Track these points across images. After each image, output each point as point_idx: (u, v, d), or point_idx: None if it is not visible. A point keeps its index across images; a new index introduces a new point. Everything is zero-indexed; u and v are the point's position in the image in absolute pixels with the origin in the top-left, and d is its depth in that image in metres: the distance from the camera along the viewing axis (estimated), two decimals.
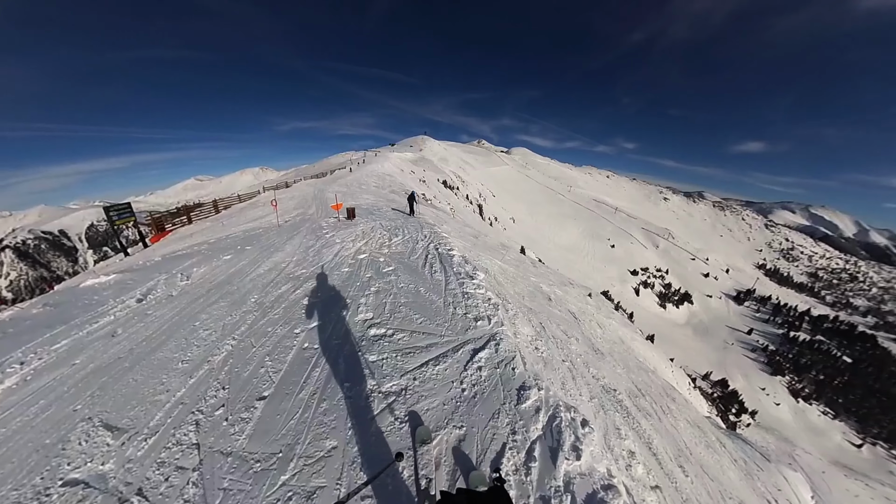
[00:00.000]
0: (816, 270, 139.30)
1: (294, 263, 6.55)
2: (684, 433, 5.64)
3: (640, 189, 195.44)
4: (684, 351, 71.53)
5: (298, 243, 8.13)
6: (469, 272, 5.97)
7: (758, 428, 54.50)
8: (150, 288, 5.59)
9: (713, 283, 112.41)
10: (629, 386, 5.89)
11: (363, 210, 13.36)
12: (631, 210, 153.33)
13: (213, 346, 3.85)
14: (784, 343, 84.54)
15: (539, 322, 5.99)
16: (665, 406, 6.21)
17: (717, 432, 8.53)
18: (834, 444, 56.78)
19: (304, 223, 11.22)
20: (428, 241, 7.99)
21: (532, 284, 9.32)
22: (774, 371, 73.65)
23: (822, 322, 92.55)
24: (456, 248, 7.60)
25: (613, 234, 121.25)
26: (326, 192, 20.05)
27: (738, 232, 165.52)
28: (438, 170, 76.48)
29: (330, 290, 5.17)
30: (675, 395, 8.97)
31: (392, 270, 5.93)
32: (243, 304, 4.81)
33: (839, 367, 75.72)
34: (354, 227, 9.75)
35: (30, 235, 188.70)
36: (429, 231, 9.33)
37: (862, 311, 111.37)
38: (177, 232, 13.67)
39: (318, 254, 7.09)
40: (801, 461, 47.09)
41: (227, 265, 6.72)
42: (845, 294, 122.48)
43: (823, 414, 64.30)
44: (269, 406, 2.99)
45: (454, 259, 6.62)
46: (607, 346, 7.80)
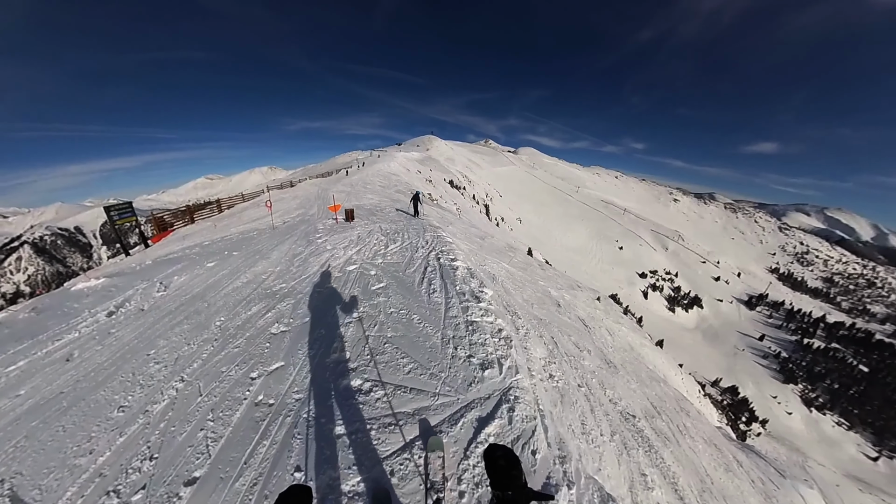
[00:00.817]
0: (832, 275, 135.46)
1: (275, 275, 6.01)
2: (703, 455, 5.28)
3: (649, 190, 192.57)
4: (693, 356, 70.16)
5: (287, 250, 7.67)
6: (475, 290, 5.14)
7: (768, 437, 53.12)
8: (126, 298, 5.39)
9: (724, 286, 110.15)
10: (645, 404, 5.51)
11: (365, 211, 12.90)
12: (640, 211, 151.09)
13: (157, 387, 3.37)
14: (797, 350, 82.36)
15: (550, 336, 5.58)
16: (681, 424, 5.83)
17: (732, 448, 8.13)
18: (848, 457, 55.05)
19: (301, 225, 10.82)
20: (429, 249, 7.23)
21: (540, 289, 8.98)
22: (787, 379, 71.79)
23: (837, 329, 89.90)
24: (460, 256, 6.86)
25: (622, 235, 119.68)
26: (330, 192, 19.85)
27: (751, 234, 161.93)
28: (445, 169, 76.30)
29: (305, 314, 4.45)
30: (688, 408, 8.59)
31: (383, 288, 5.17)
32: (206, 329, 4.28)
33: (855, 377, 73.47)
34: (351, 230, 9.29)
35: (47, 232, 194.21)
36: (432, 235, 8.61)
37: (880, 318, 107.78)
38: (178, 232, 13.60)
39: (304, 263, 6.49)
40: (813, 473, 45.58)
41: (208, 274, 6.37)
42: (862, 300, 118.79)
43: (838, 425, 62.44)
44: (196, 497, 2.36)
45: (458, 273, 5.83)
46: (619, 357, 7.44)
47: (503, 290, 6.65)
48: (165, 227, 13.82)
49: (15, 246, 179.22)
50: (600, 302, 16.02)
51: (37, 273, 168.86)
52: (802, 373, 74.23)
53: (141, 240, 12.52)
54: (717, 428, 14.61)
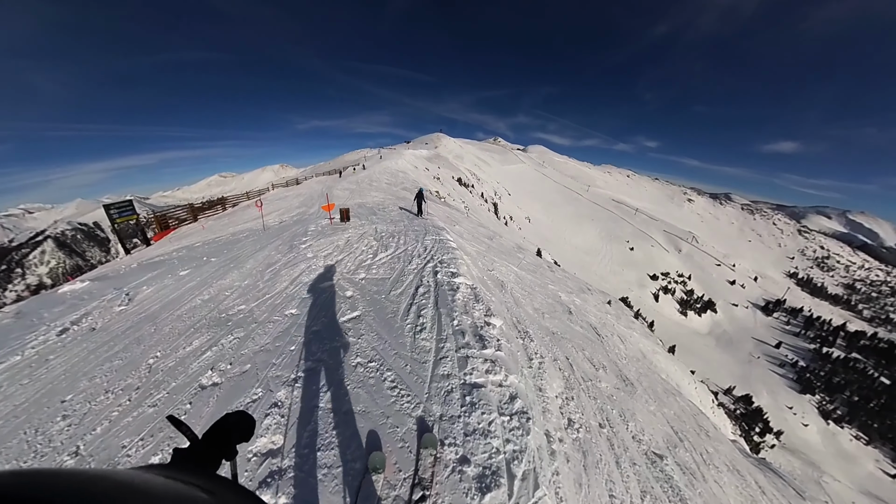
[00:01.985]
0: (854, 282, 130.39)
1: (240, 292, 5.28)
2: (729, 489, 4.78)
3: (662, 189, 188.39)
4: (706, 363, 68.43)
5: (264, 257, 7.05)
6: (478, 325, 3.88)
7: (783, 450, 51.39)
8: (88, 312, 5.02)
9: (739, 291, 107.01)
10: (666, 430, 4.95)
11: (366, 209, 12.39)
12: (652, 211, 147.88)
13: (46, 460, 2.62)
14: (815, 359, 79.42)
15: (565, 357, 5.05)
16: (703, 450, 5.30)
17: (752, 468, 7.60)
18: (866, 473, 52.88)
19: (294, 226, 10.21)
20: (426, 258, 6.19)
21: (550, 294, 8.56)
22: (804, 389, 69.36)
23: (858, 338, 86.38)
24: (464, 268, 5.76)
25: (633, 236, 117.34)
26: (334, 190, 19.73)
27: (769, 237, 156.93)
28: (453, 167, 75.93)
29: (247, 359, 3.51)
30: (705, 424, 8.09)
31: (355, 321, 4.09)
32: (134, 370, 3.57)
33: (876, 389, 70.48)
34: (342, 232, 8.51)
35: (68, 227, 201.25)
36: (433, 240, 7.54)
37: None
38: (179, 230, 13.57)
39: (275, 277, 5.74)
40: (828, 489, 44.00)
41: (175, 286, 5.90)
42: (885, 309, 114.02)
43: (856, 438, 60.03)
44: None
45: (458, 295, 4.57)
46: (633, 369, 6.96)
47: (512, 301, 6.08)
48: (167, 226, 13.84)
49: (39, 240, 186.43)
50: (611, 306, 15.49)
51: (58, 266, 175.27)
52: (820, 383, 71.59)
53: (142, 238, 12.48)
54: (731, 441, 13.99)
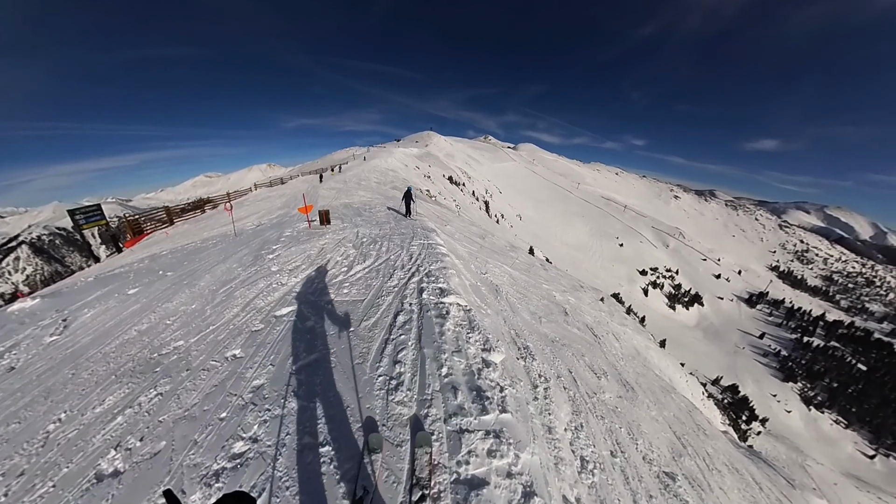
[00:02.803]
0: (831, 274, 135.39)
1: (182, 320, 4.44)
2: (732, 494, 4.77)
3: (649, 187, 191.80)
4: (694, 354, 70.07)
5: (223, 272, 6.18)
6: (474, 372, 3.04)
7: (768, 436, 53.09)
8: (16, 343, 4.40)
9: (724, 284, 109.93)
10: (670, 438, 4.85)
11: (352, 210, 11.74)
12: (640, 208, 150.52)
13: None
14: (797, 349, 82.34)
15: (568, 370, 4.73)
16: (705, 454, 5.25)
17: (746, 462, 7.74)
18: (846, 455, 55.15)
19: (268, 231, 9.43)
20: (411, 270, 5.34)
21: (545, 294, 8.49)
22: (786, 377, 71.82)
23: (836, 328, 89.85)
24: (455, 280, 4.94)
25: (622, 232, 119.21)
26: (320, 189, 19.30)
27: (751, 232, 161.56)
28: (444, 165, 75.63)
29: (161, 432, 2.72)
30: (701, 420, 8.20)
31: (312, 366, 3.22)
32: (27, 441, 2.79)
33: (853, 375, 73.50)
34: (319, 238, 7.66)
35: (44, 231, 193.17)
36: (421, 245, 6.69)
37: (878, 317, 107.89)
38: (153, 236, 12.94)
39: (228, 299, 4.84)
40: (812, 472, 45.71)
41: (117, 310, 5.13)
42: (861, 299, 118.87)
43: (836, 423, 62.54)
44: None
45: (447, 325, 3.67)
46: (631, 370, 6.92)
47: (509, 309, 5.76)
48: (141, 231, 13.15)
49: (13, 246, 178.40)
50: (604, 303, 15.62)
51: (35, 273, 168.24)
52: (802, 371, 74.23)
53: (114, 245, 11.63)
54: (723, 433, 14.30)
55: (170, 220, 14.58)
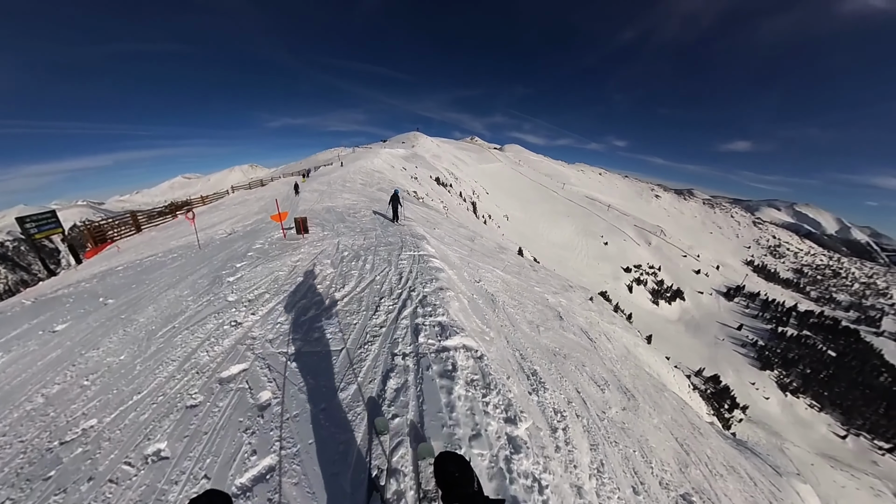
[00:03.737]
0: (802, 267, 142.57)
1: (102, 384, 3.43)
2: (735, 497, 4.84)
3: (632, 186, 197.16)
4: (677, 347, 72.26)
5: (172, 301, 5.18)
6: (505, 476, 2.36)
7: (749, 423, 55.41)
8: None
9: (704, 279, 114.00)
10: (675, 448, 4.78)
11: (335, 214, 11.04)
12: (623, 207, 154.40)
13: None
14: (772, 338, 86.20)
15: (574, 388, 4.53)
16: (706, 457, 5.19)
17: (737, 455, 7.94)
18: (820, 436, 58.21)
19: (238, 241, 8.58)
20: (402, 297, 4.54)
21: (538, 298, 8.46)
22: (763, 366, 75.02)
23: (808, 317, 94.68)
24: (455, 309, 4.29)
25: (606, 231, 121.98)
26: (302, 192, 18.74)
27: (728, 229, 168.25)
28: (431, 166, 75.45)
29: None
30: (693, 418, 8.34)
31: (260, 479, 2.31)
32: None
33: (824, 361, 77.53)
34: (293, 251, 6.78)
35: (9, 237, 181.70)
36: (411, 259, 5.96)
37: (844, 306, 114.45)
38: (117, 244, 12.09)
39: (166, 347, 3.90)
40: (790, 455, 48.14)
41: (31, 358, 4.10)
42: (829, 290, 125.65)
43: (810, 407, 65.85)
44: None
45: (456, 388, 2.91)
46: (628, 374, 6.91)
47: (508, 323, 5.48)
48: (104, 239, 12.22)
49: None
50: (593, 302, 15.84)
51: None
52: (777, 359, 77.71)
53: (73, 256, 10.55)
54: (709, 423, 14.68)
55: (136, 227, 13.69)
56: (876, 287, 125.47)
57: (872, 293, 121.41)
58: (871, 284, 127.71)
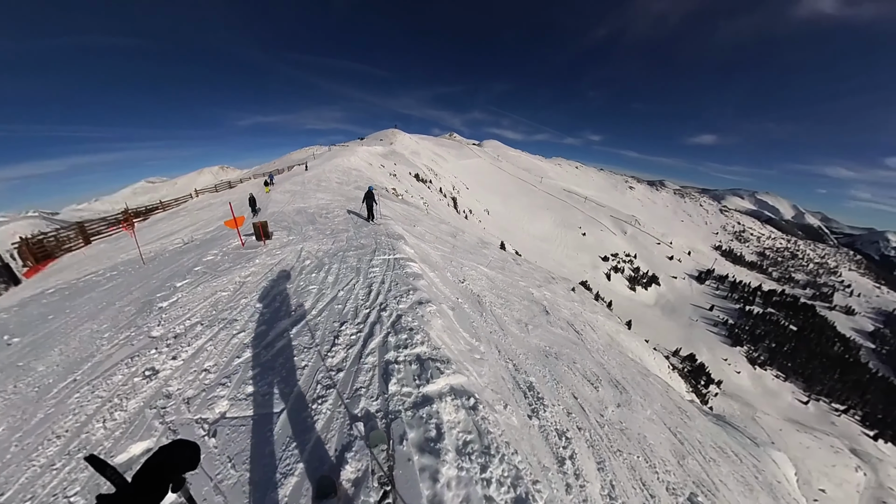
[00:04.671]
0: (764, 250, 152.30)
1: None
2: (729, 482, 4.82)
3: (607, 179, 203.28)
4: (655, 330, 75.36)
5: (82, 341, 4.20)
6: None
7: (723, 396, 58.89)
8: None
9: (677, 265, 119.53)
10: (670, 440, 4.71)
11: (305, 216, 10.31)
12: (599, 199, 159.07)
13: None
14: (741, 317, 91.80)
15: (571, 393, 4.30)
16: (697, 444, 5.21)
17: (721, 434, 8.12)
18: (786, 404, 62.91)
19: (189, 253, 7.66)
20: (370, 320, 3.81)
21: (523, 293, 8.27)
22: (734, 343, 79.85)
23: (771, 296, 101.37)
24: (438, 326, 3.75)
25: (584, 222, 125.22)
26: (274, 193, 17.65)
27: (697, 217, 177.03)
28: (410, 163, 74.45)
29: None
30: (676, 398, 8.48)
31: None
32: None
33: (787, 335, 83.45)
34: (246, 263, 5.91)
35: None
36: (385, 263, 5.34)
37: (802, 284, 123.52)
38: (62, 260, 10.71)
39: (52, 417, 2.88)
40: (762, 422, 51.71)
41: None
42: (788, 270, 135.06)
43: (776, 377, 70.87)
44: None
45: (444, 472, 2.09)
46: (615, 364, 6.80)
47: (497, 327, 5.11)
48: (48, 255, 10.84)
49: None
50: (575, 293, 15.96)
51: None
52: (746, 336, 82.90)
53: (6, 276, 9.27)
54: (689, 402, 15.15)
55: (85, 239, 12.25)
56: (828, 266, 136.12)
57: (825, 272, 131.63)
58: (824, 264, 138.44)
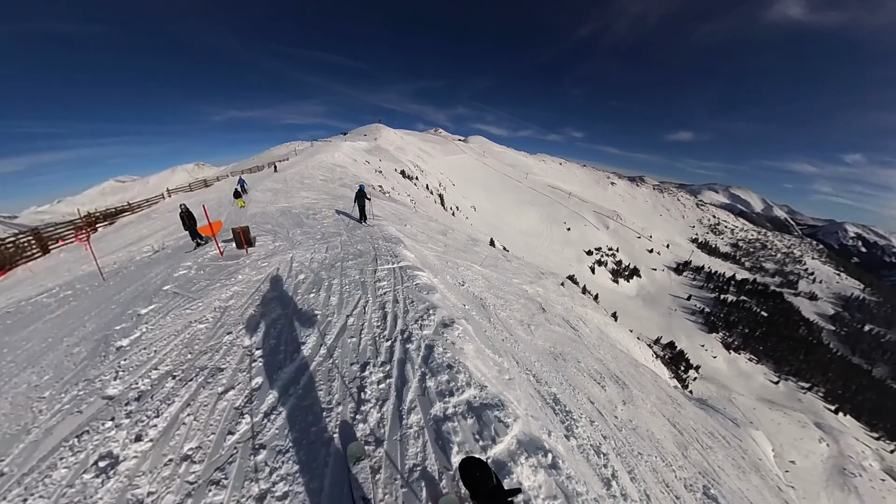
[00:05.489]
0: (737, 241, 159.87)
1: None
2: (726, 467, 5.02)
3: (590, 175, 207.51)
4: (637, 320, 77.98)
5: (9, 407, 3.13)
6: None
7: (702, 380, 61.98)
8: None
9: (657, 257, 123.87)
10: (672, 432, 4.82)
11: (291, 218, 9.54)
12: (583, 195, 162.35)
13: None
14: (716, 305, 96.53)
15: (587, 397, 4.29)
16: (693, 431, 5.41)
17: (707, 418, 8.48)
18: (759, 384, 67.21)
19: (157, 266, 6.48)
20: (395, 359, 3.05)
21: (519, 290, 8.26)
22: (710, 329, 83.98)
23: (744, 285, 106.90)
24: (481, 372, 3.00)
25: (568, 217, 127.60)
26: (254, 192, 16.73)
27: (675, 211, 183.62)
28: (395, 159, 73.51)
29: None
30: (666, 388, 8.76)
31: None
32: None
33: (759, 321, 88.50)
34: (227, 279, 4.94)
35: None
36: (392, 275, 4.57)
37: (771, 273, 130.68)
38: (14, 273, 9.73)
39: None
40: (737, 403, 54.89)
41: None
42: (759, 260, 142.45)
43: (749, 360, 75.40)
44: None
45: None
46: (610, 357, 6.89)
47: (506, 331, 4.91)
48: (1, 266, 9.93)
49: None
50: (564, 287, 16.21)
51: None
52: (721, 323, 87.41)
53: None
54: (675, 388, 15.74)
55: (42, 248, 10.92)
56: (793, 255, 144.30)
57: (791, 261, 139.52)
58: (790, 254, 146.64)
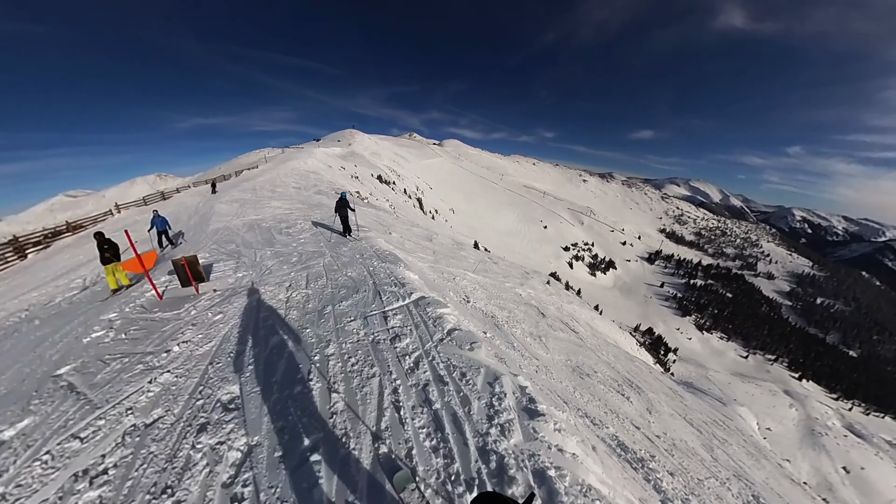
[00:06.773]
0: (700, 230, 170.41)
1: None
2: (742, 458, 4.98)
3: (562, 173, 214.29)
4: (616, 310, 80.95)
5: None
6: None
7: (680, 361, 65.27)
8: None
9: (630, 249, 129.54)
10: (692, 432, 4.72)
11: (260, 234, 8.07)
12: (557, 193, 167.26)
13: None
14: (687, 290, 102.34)
15: (630, 422, 4.04)
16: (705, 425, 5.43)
17: (705, 406, 8.65)
18: (730, 360, 72.15)
19: (78, 315, 4.87)
20: None
21: (513, 295, 8.07)
22: (684, 313, 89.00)
23: (710, 269, 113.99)
24: None
25: (545, 215, 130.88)
26: (218, 204, 14.12)
27: (643, 205, 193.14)
28: (371, 164, 72.32)
29: None
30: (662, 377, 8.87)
31: None
32: None
33: (725, 302, 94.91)
34: (158, 354, 3.21)
35: None
36: (415, 329, 3.38)
37: (732, 257, 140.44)
38: None
39: None
40: (713, 379, 58.31)
41: None
42: (720, 246, 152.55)
43: (721, 339, 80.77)
44: None
45: None
46: (612, 356, 6.82)
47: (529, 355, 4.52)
48: None
49: None
50: (550, 285, 16.33)
51: None
52: (693, 306, 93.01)
53: None
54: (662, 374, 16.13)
55: None
56: (751, 240, 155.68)
57: (749, 245, 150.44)
58: (748, 238, 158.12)
